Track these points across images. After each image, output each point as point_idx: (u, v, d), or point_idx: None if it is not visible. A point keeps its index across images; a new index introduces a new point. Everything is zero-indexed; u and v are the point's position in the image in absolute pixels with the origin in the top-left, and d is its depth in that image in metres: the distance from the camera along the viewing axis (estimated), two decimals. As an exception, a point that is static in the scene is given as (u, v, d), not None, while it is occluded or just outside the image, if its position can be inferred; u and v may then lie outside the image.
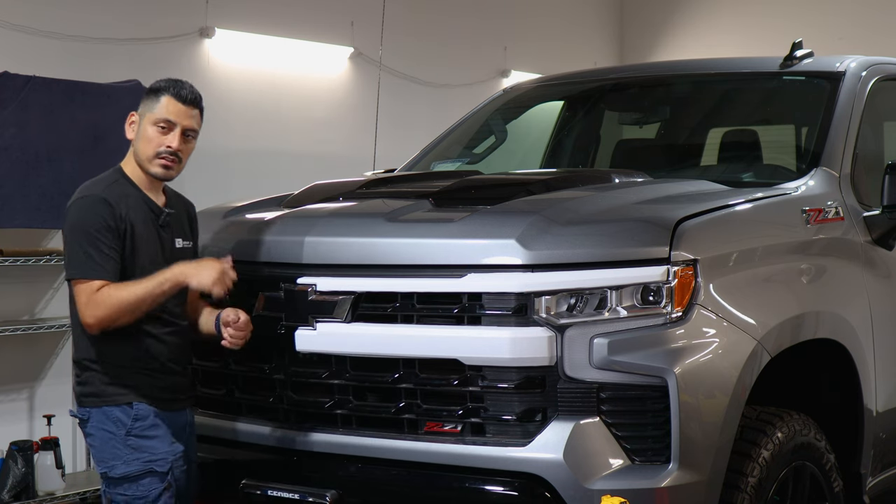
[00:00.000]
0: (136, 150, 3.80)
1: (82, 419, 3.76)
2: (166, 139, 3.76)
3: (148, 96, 3.81)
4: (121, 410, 3.69)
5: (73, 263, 3.66)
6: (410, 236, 3.67)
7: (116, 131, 6.44)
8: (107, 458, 3.70)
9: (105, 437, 3.70)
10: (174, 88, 3.79)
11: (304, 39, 8.11)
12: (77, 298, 3.66)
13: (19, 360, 6.51)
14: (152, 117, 3.77)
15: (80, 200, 3.70)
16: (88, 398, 3.74)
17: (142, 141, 3.78)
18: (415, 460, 3.57)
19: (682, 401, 3.36)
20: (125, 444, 3.68)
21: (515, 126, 5.74)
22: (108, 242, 3.64)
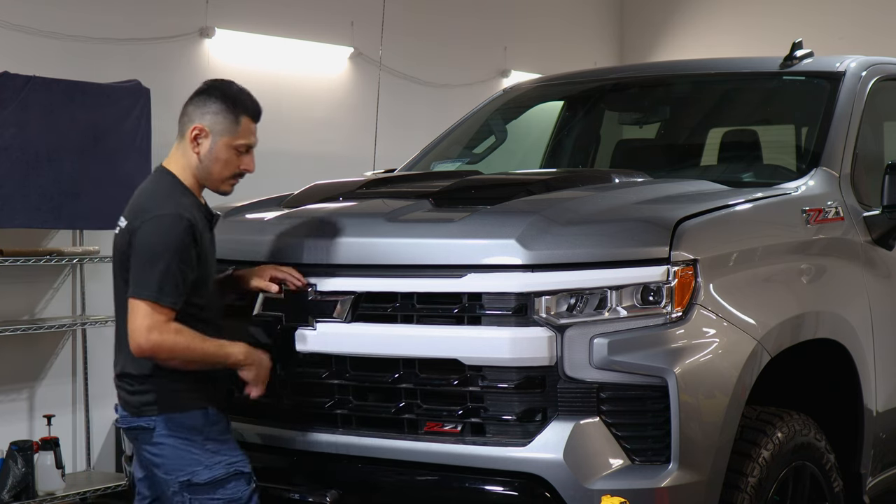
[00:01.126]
0: (202, 167, 3.63)
1: (145, 428, 3.59)
2: (244, 162, 3.66)
3: (222, 114, 3.61)
4: (195, 416, 3.57)
5: (147, 284, 3.46)
6: (410, 236, 3.67)
7: (116, 131, 6.50)
8: (186, 465, 3.56)
9: (179, 444, 3.56)
10: (252, 109, 3.66)
11: (304, 39, 8.11)
12: (136, 317, 3.46)
13: (19, 360, 6.51)
14: (232, 141, 3.61)
15: (158, 219, 3.50)
16: (152, 406, 3.58)
17: (215, 162, 3.62)
18: (415, 460, 3.57)
19: (682, 401, 3.36)
20: (204, 448, 3.56)
21: (515, 126, 5.74)
22: (185, 265, 3.49)
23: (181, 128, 3.67)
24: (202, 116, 3.62)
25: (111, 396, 6.65)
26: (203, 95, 3.65)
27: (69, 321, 6.51)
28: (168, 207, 3.52)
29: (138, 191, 3.70)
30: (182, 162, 3.66)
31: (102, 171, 6.35)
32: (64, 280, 6.69)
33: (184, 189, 3.62)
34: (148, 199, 3.59)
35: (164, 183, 3.64)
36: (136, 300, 3.47)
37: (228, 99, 3.63)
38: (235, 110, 3.62)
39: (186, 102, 3.69)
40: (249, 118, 3.65)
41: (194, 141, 3.62)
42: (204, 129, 3.61)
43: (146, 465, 3.69)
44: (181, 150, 3.66)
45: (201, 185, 3.67)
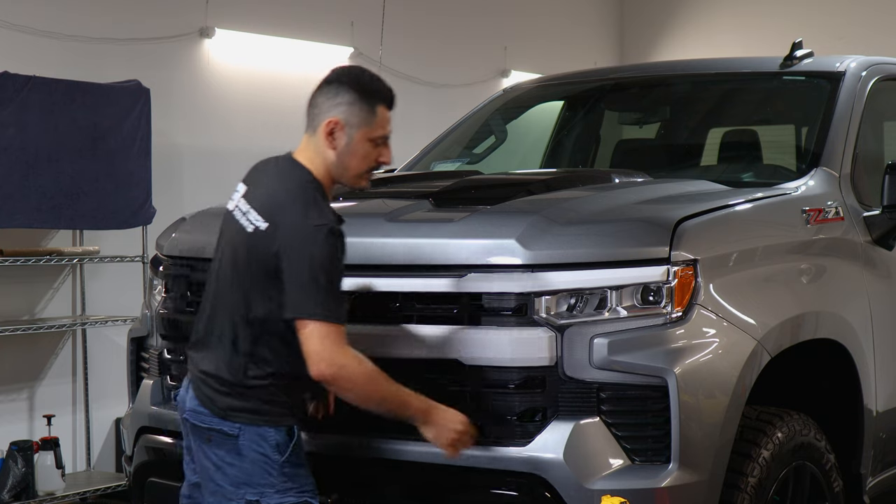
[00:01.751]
0: (338, 163, 3.38)
1: (227, 434, 3.32)
2: (382, 154, 3.42)
3: (357, 105, 3.37)
4: (282, 434, 3.32)
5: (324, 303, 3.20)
6: (410, 236, 3.67)
7: (116, 131, 6.50)
8: (257, 483, 3.30)
9: (258, 459, 3.30)
10: (388, 96, 3.42)
11: (304, 39, 8.11)
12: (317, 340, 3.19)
13: (19, 360, 6.51)
14: (370, 133, 3.37)
15: (316, 230, 3.22)
16: (243, 414, 3.31)
17: (352, 156, 3.37)
18: (415, 461, 3.57)
19: (682, 401, 3.36)
20: (280, 471, 3.31)
21: (515, 126, 5.74)
22: (342, 280, 3.28)
23: (312, 121, 3.42)
24: (336, 108, 3.37)
25: (111, 396, 6.74)
26: (334, 85, 3.40)
27: (69, 321, 6.51)
28: (323, 218, 3.25)
29: (273, 185, 3.39)
30: (315, 158, 3.40)
31: (102, 171, 6.36)
32: (64, 280, 6.69)
33: (322, 190, 3.36)
34: (292, 201, 3.30)
35: (302, 182, 3.35)
36: (311, 321, 3.20)
37: (362, 88, 3.39)
38: (371, 100, 3.38)
39: (315, 93, 3.44)
40: (385, 107, 3.41)
41: (329, 136, 3.36)
42: (339, 121, 3.36)
43: (206, 470, 3.40)
44: (313, 144, 3.41)
45: (334, 180, 3.43)
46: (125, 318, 6.54)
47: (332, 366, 3.20)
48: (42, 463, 6.15)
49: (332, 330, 3.21)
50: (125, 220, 6.52)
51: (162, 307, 4.19)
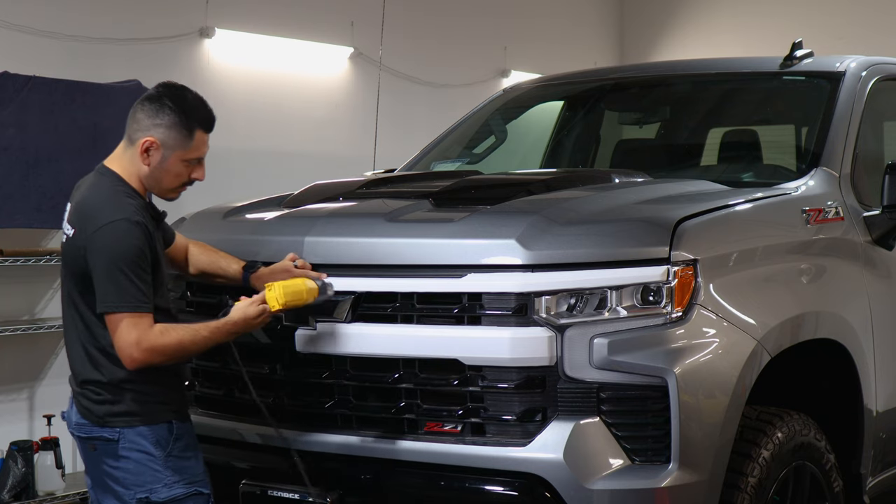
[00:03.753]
0: (151, 178, 3.52)
1: (108, 439, 3.47)
2: (195, 172, 3.58)
3: (176, 129, 3.48)
4: (160, 430, 3.47)
5: (118, 296, 3.35)
6: (410, 236, 3.67)
7: (116, 131, 6.47)
8: (145, 482, 3.44)
9: (142, 458, 3.45)
10: (206, 121, 3.54)
11: (304, 39, 8.11)
12: (120, 332, 3.36)
13: (19, 360, 6.51)
14: (184, 155, 3.51)
15: (110, 226, 3.38)
16: (119, 418, 3.46)
17: (166, 174, 3.52)
18: (415, 460, 3.57)
19: (682, 401, 3.36)
20: (165, 465, 3.45)
21: (515, 126, 5.74)
22: (146, 269, 3.40)
23: (130, 133, 3.54)
24: (155, 128, 3.49)
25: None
26: (156, 104, 3.50)
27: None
28: (118, 213, 3.40)
29: (81, 195, 3.56)
30: (129, 167, 3.53)
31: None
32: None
33: (129, 190, 3.50)
34: (94, 205, 3.46)
35: (107, 185, 3.51)
36: (114, 315, 3.37)
37: (182, 111, 3.50)
38: (189, 123, 3.50)
39: (137, 107, 3.54)
40: (203, 131, 3.54)
41: (145, 153, 3.50)
42: (156, 142, 3.48)
43: (99, 477, 3.56)
44: (129, 154, 3.54)
45: (157, 195, 3.61)
46: (125, 318, 6.53)
47: (141, 352, 3.36)
48: (42, 463, 6.15)
49: (136, 319, 3.35)
50: (125, 220, 6.52)
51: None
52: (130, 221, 3.39)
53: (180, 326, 3.45)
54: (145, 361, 3.38)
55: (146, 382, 3.46)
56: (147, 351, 3.36)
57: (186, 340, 3.41)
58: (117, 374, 3.46)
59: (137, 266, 3.37)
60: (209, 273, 3.86)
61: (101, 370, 3.51)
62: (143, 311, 3.37)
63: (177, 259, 3.87)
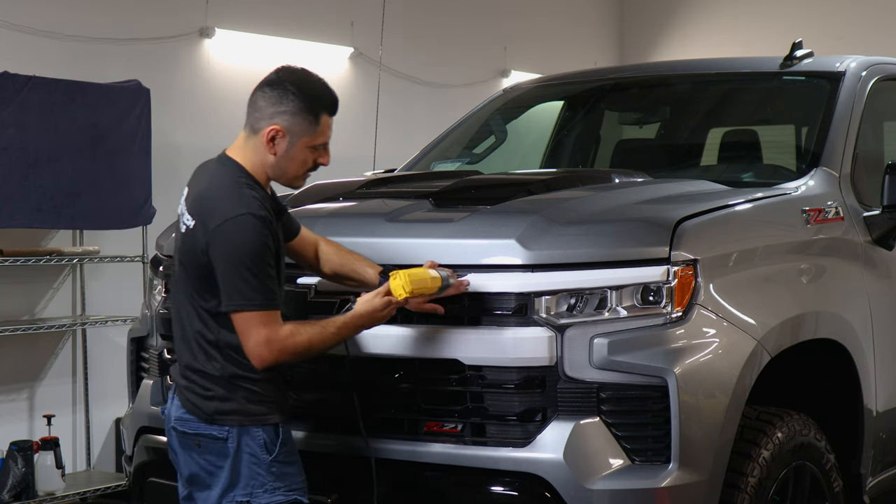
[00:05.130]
0: (279, 167, 3.39)
1: (216, 438, 3.34)
2: (321, 158, 3.45)
3: (301, 115, 3.36)
4: (269, 432, 3.34)
5: (247, 293, 3.23)
6: (410, 236, 3.67)
7: (116, 131, 6.50)
8: (247, 485, 3.33)
9: (248, 460, 3.33)
10: (331, 105, 3.42)
11: (304, 39, 8.11)
12: (250, 332, 3.24)
13: (19, 360, 6.51)
14: (311, 141, 3.39)
15: (237, 220, 3.24)
16: (229, 416, 3.32)
17: (292, 162, 3.38)
18: (415, 460, 3.57)
19: (682, 401, 3.36)
20: (269, 470, 3.33)
21: (515, 126, 5.74)
22: (272, 264, 3.28)
23: (252, 122, 3.41)
24: (279, 116, 3.36)
25: (111, 396, 6.74)
26: (278, 90, 3.39)
27: (69, 321, 6.51)
28: (242, 207, 3.26)
29: (202, 185, 3.39)
30: (252, 157, 3.39)
31: (102, 171, 6.35)
32: (64, 280, 6.69)
33: (251, 182, 3.36)
34: (217, 197, 3.31)
35: (229, 176, 3.36)
36: (241, 313, 3.24)
37: (307, 96, 3.38)
38: (315, 108, 3.38)
39: (257, 93, 3.43)
40: (328, 115, 3.41)
41: (270, 142, 3.36)
42: (281, 130, 3.36)
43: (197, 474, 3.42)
44: (252, 144, 3.40)
45: (283, 184, 3.47)
46: (125, 318, 6.54)
47: (271, 353, 3.26)
48: (42, 463, 6.15)
49: (266, 318, 3.25)
50: (125, 220, 6.52)
51: (162, 307, 4.19)
52: (255, 216, 3.25)
53: (308, 324, 3.35)
54: (275, 361, 3.28)
55: (259, 381, 3.34)
56: (278, 351, 3.26)
57: (316, 339, 3.32)
58: (230, 370, 3.33)
59: (263, 262, 3.25)
60: (342, 275, 3.65)
61: (213, 364, 3.34)
62: (271, 309, 3.26)
63: (304, 254, 3.67)
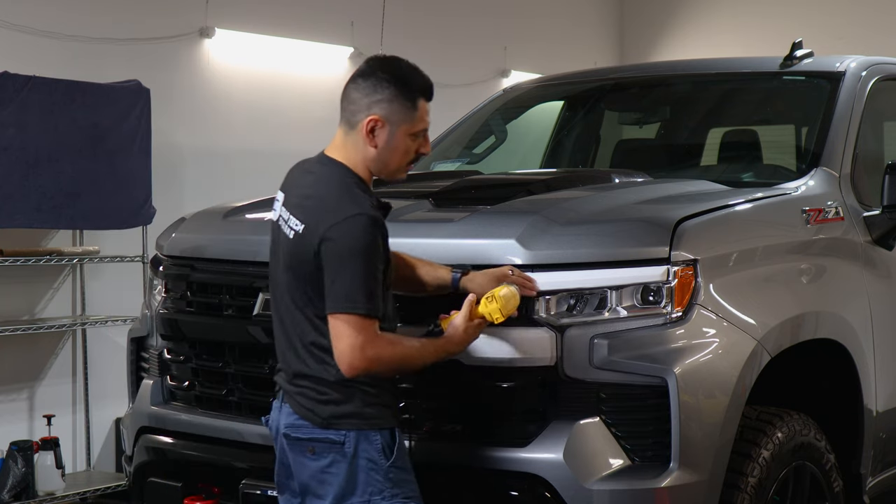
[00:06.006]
0: (381, 159, 3.27)
1: (334, 442, 3.22)
2: (422, 146, 3.32)
3: (398, 101, 3.26)
4: (385, 436, 3.22)
5: (351, 296, 3.11)
6: (410, 236, 3.67)
7: (116, 131, 6.49)
8: (364, 490, 3.21)
9: (365, 465, 3.20)
10: (427, 89, 3.31)
11: (304, 39, 8.11)
12: (345, 335, 3.11)
13: (19, 360, 6.51)
14: (411, 129, 3.27)
15: (351, 221, 3.12)
16: (346, 419, 3.20)
17: (394, 152, 3.26)
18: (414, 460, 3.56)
19: (682, 401, 3.36)
20: (386, 476, 3.21)
21: (515, 126, 5.74)
22: (380, 270, 3.16)
23: (348, 116, 3.31)
24: (375, 105, 3.25)
25: (111, 396, 6.74)
26: (371, 80, 3.28)
27: (69, 321, 6.51)
28: (356, 207, 3.14)
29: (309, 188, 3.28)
30: (353, 154, 3.28)
31: (102, 171, 6.35)
32: (64, 280, 6.69)
33: (360, 183, 3.25)
34: (329, 197, 3.20)
35: (337, 177, 3.25)
36: (341, 315, 3.12)
37: (401, 82, 3.27)
38: (411, 94, 3.27)
39: (349, 86, 3.33)
40: (425, 100, 3.30)
41: (370, 134, 3.25)
42: (380, 119, 3.25)
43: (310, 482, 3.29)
44: (351, 140, 3.29)
45: (373, 175, 3.33)
46: (125, 318, 6.53)
47: (364, 360, 3.12)
48: (42, 463, 6.14)
49: (365, 324, 3.11)
50: (125, 220, 6.52)
51: (162, 307, 4.19)
52: (369, 216, 3.13)
53: (407, 339, 3.22)
54: (365, 370, 3.14)
55: (376, 385, 3.23)
56: (371, 360, 3.12)
57: (412, 356, 3.21)
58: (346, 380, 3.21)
59: (374, 265, 3.13)
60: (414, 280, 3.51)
61: (328, 370, 3.21)
62: (372, 316, 3.13)
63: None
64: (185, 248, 4.19)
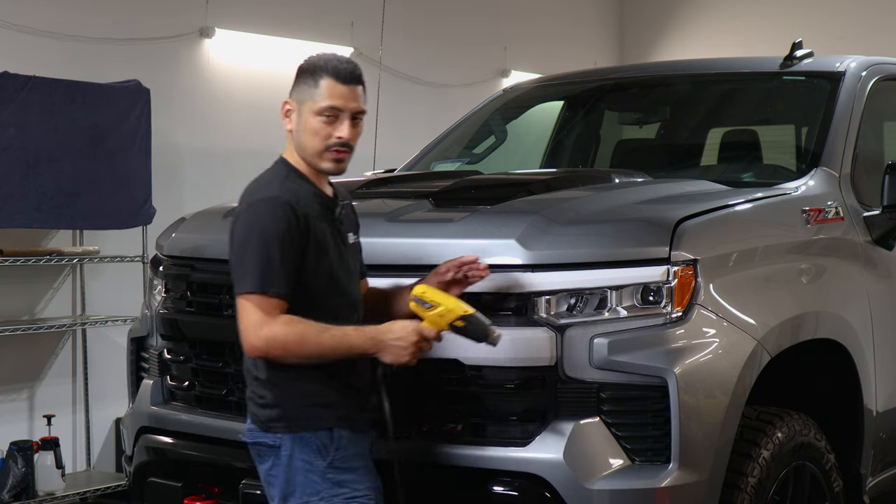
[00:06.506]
0: (299, 144, 3.34)
1: (272, 446, 3.27)
2: (335, 130, 3.30)
3: (302, 79, 3.35)
4: (320, 437, 3.24)
5: (247, 276, 3.15)
6: (410, 236, 3.67)
7: (116, 131, 6.50)
8: (303, 493, 3.23)
9: (301, 467, 3.23)
10: (332, 67, 3.32)
11: (304, 39, 8.10)
12: (244, 314, 3.16)
13: (19, 360, 6.51)
14: (314, 106, 3.29)
15: (257, 204, 3.21)
16: (280, 423, 3.25)
17: (305, 133, 3.31)
18: (414, 460, 3.56)
19: (682, 401, 3.36)
20: (324, 477, 3.23)
21: (515, 126, 5.74)
22: (289, 252, 3.17)
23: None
24: (292, 91, 3.40)
25: (111, 396, 6.75)
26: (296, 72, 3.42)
27: (69, 321, 6.51)
28: (265, 192, 3.24)
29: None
30: (290, 147, 3.39)
31: (102, 171, 6.36)
32: (64, 280, 6.69)
33: (296, 175, 3.32)
34: (250, 188, 3.33)
35: (274, 170, 3.37)
36: (242, 295, 3.16)
37: (311, 63, 3.37)
38: (315, 73, 3.32)
39: None
40: (331, 78, 3.31)
41: (286, 118, 3.38)
42: (290, 101, 3.38)
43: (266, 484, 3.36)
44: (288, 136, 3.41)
45: (310, 165, 3.36)
46: (125, 318, 6.54)
47: (258, 338, 3.14)
48: (42, 463, 6.15)
49: (263, 302, 3.14)
50: (125, 220, 6.53)
51: (162, 307, 4.19)
52: (276, 199, 3.20)
53: (312, 323, 3.17)
54: (263, 351, 3.16)
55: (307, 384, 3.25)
56: (266, 339, 3.14)
57: (311, 340, 3.16)
58: (276, 372, 3.25)
59: (277, 248, 3.15)
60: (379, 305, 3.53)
61: (259, 368, 3.28)
62: (270, 294, 3.14)
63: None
64: (185, 248, 4.19)
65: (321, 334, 3.17)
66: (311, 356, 3.20)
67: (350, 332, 3.21)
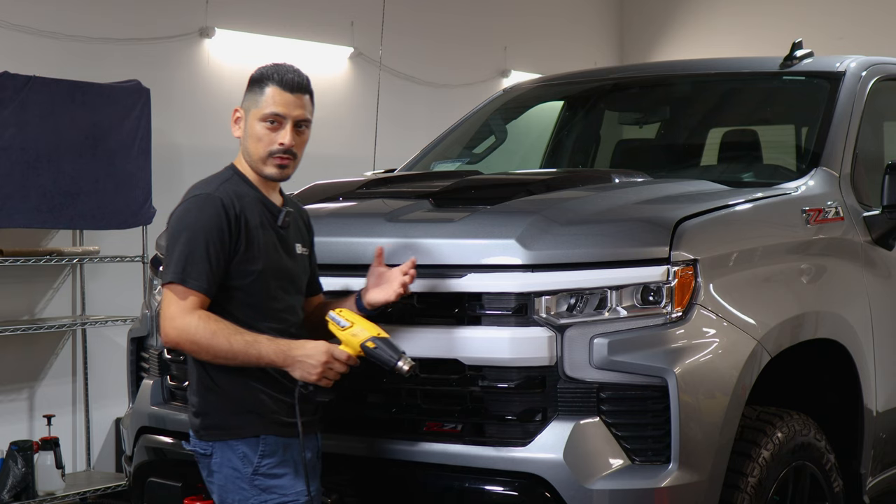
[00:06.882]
0: (245, 150, 3.43)
1: (204, 454, 3.33)
2: (278, 136, 3.38)
3: (251, 88, 3.44)
4: (247, 445, 3.28)
5: (172, 266, 3.22)
6: (410, 236, 3.67)
7: (116, 131, 6.50)
8: (231, 500, 3.30)
9: (230, 475, 3.29)
10: (277, 76, 3.42)
11: (304, 39, 8.11)
12: (165, 303, 3.22)
13: (19, 360, 6.51)
14: (258, 113, 3.39)
15: (191, 199, 3.30)
16: (210, 431, 3.31)
17: (250, 140, 3.41)
18: (414, 460, 3.57)
19: (682, 401, 3.36)
20: (252, 483, 3.28)
21: (515, 126, 5.74)
22: (215, 247, 3.22)
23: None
24: (242, 101, 3.50)
25: (111, 396, 6.75)
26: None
27: (69, 321, 6.51)
28: (199, 190, 3.33)
29: None
30: (239, 154, 3.48)
31: (102, 171, 6.36)
32: (64, 280, 6.69)
33: (239, 179, 3.40)
34: (194, 185, 3.41)
35: (219, 173, 3.45)
36: (164, 286, 3.24)
37: (259, 73, 3.47)
38: (262, 82, 3.43)
39: None
40: (276, 86, 3.41)
41: (235, 125, 3.48)
42: (240, 109, 3.48)
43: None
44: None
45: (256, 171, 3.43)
46: (125, 318, 6.54)
47: (173, 328, 3.19)
48: (42, 463, 6.15)
49: (182, 293, 3.19)
50: (125, 220, 6.53)
51: (162, 307, 4.18)
52: (208, 196, 3.28)
53: (227, 323, 3.21)
54: (175, 342, 3.21)
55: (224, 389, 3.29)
56: (180, 331, 3.19)
57: (220, 339, 3.18)
58: (203, 379, 3.31)
59: (202, 241, 3.22)
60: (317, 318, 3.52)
61: (190, 375, 3.37)
62: (190, 287, 3.20)
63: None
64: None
65: (233, 336, 3.20)
66: (219, 355, 3.21)
67: (262, 341, 3.23)
